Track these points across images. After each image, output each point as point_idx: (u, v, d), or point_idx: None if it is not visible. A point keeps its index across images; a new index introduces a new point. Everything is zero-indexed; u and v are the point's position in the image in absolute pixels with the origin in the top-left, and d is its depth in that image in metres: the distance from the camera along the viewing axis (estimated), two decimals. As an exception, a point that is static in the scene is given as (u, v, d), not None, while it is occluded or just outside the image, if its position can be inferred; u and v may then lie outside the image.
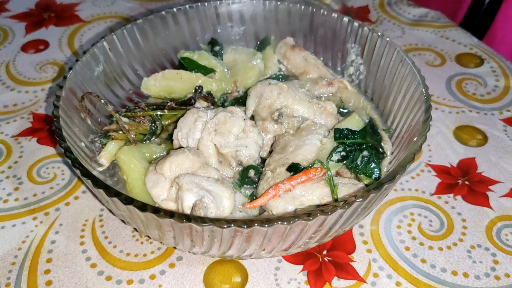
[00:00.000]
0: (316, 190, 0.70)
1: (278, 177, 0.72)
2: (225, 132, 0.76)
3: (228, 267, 0.75)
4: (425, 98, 0.72)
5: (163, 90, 0.90)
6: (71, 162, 0.63)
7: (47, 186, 0.87)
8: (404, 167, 0.62)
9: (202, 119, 0.78)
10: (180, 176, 0.68)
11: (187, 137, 0.78)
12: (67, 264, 0.75)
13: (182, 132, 0.78)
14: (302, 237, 0.60)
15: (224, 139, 0.76)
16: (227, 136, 0.76)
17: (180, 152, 0.72)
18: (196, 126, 0.77)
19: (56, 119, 0.69)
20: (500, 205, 0.85)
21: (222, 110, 0.78)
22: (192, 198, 0.66)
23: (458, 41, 1.24)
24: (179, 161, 0.71)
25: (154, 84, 0.90)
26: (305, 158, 0.74)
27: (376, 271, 0.75)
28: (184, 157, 0.71)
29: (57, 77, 1.11)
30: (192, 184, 0.67)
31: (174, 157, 0.71)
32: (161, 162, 0.71)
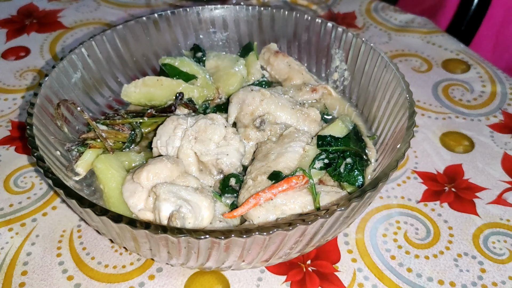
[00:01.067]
0: (298, 198, 0.68)
1: (259, 185, 0.70)
2: (206, 140, 0.74)
3: (209, 278, 0.73)
4: (409, 104, 0.71)
5: (144, 97, 0.88)
6: (43, 171, 0.61)
7: (24, 196, 0.85)
8: (387, 174, 0.60)
9: (182, 126, 0.76)
10: (158, 185, 0.66)
11: (167, 145, 0.76)
12: (42, 277, 0.73)
13: (162, 140, 0.76)
14: (282, 248, 0.58)
15: (204, 147, 0.74)
16: (208, 143, 0.74)
17: (158, 161, 0.70)
18: (175, 133, 0.75)
19: (30, 126, 0.67)
20: (487, 212, 0.83)
21: (202, 117, 0.76)
22: (169, 208, 0.64)
23: (444, 47, 1.23)
24: (157, 169, 0.69)
25: (134, 91, 0.88)
26: (287, 166, 0.73)
27: (361, 281, 0.73)
28: (162, 166, 0.69)
29: (38, 84, 1.08)
30: (170, 193, 0.65)
31: (151, 165, 0.69)
32: (138, 171, 0.69)
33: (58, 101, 0.75)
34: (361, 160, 0.74)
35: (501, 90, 1.09)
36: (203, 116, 0.77)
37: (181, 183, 0.69)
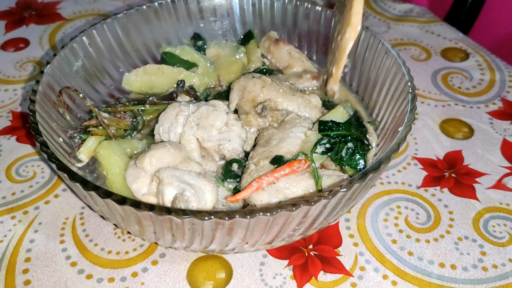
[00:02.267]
0: (300, 182, 0.68)
1: (262, 170, 0.70)
2: (208, 126, 0.75)
3: (212, 263, 0.73)
4: (410, 88, 0.71)
5: (145, 85, 0.88)
6: (47, 156, 0.61)
7: (26, 184, 0.85)
8: (389, 156, 0.61)
9: (184, 113, 0.76)
10: (161, 170, 0.67)
11: (169, 132, 0.76)
12: (46, 263, 0.73)
13: (164, 127, 0.77)
14: (285, 229, 0.59)
15: (206, 133, 0.75)
16: (210, 130, 0.75)
17: (161, 146, 0.70)
18: (177, 120, 0.76)
19: (32, 113, 0.67)
20: (487, 197, 0.84)
21: (204, 103, 0.77)
22: (172, 192, 0.64)
23: (443, 35, 1.24)
24: (160, 154, 0.69)
25: (135, 79, 0.88)
26: (289, 151, 0.73)
27: (362, 265, 0.74)
28: (165, 151, 0.70)
29: (38, 75, 1.08)
30: (173, 177, 0.65)
31: (154, 150, 0.69)
32: (141, 156, 0.70)
33: (60, 89, 0.75)
34: (362, 145, 0.75)
35: (500, 77, 1.10)
36: (205, 102, 0.78)
37: (184, 168, 0.70)
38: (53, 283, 0.71)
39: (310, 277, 0.72)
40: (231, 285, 0.71)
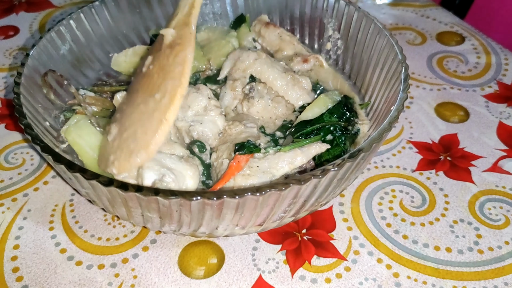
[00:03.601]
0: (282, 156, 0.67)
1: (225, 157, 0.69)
2: (184, 106, 0.73)
3: (203, 248, 0.72)
4: (402, 67, 0.70)
5: (134, 67, 0.86)
6: (31, 138, 0.60)
7: (15, 171, 0.83)
8: (381, 136, 0.59)
9: None
10: None
11: None
12: (35, 250, 0.72)
13: None
14: (276, 210, 0.57)
15: (182, 113, 0.73)
16: (186, 110, 0.73)
17: None
18: None
19: (17, 95, 0.65)
20: (482, 180, 0.83)
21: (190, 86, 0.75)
22: (152, 176, 0.62)
23: (439, 20, 1.22)
24: None
25: (124, 60, 0.86)
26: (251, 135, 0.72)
27: (357, 249, 0.73)
28: None
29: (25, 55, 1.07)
30: (153, 161, 0.63)
31: None
32: None
33: (45, 71, 0.73)
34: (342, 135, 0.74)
35: (496, 61, 1.08)
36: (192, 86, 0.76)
37: (167, 150, 0.68)
38: (42, 270, 0.69)
39: (303, 262, 0.71)
40: (223, 271, 0.70)
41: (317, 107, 0.77)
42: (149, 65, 0.65)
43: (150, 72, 0.64)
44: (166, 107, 0.57)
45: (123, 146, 0.61)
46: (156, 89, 0.60)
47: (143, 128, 0.59)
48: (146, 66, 0.66)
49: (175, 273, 0.69)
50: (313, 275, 0.69)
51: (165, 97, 0.57)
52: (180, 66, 0.58)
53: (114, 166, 0.61)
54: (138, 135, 0.59)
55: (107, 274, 0.69)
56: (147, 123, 0.59)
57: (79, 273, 0.69)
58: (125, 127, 0.62)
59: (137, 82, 0.68)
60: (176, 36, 0.62)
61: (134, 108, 0.62)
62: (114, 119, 0.68)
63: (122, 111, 0.67)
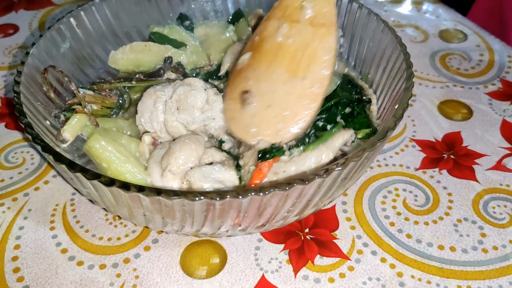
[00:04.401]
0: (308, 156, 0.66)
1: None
2: (189, 108, 0.72)
3: (206, 248, 0.71)
4: (407, 65, 0.69)
5: (131, 64, 0.85)
6: (31, 138, 0.59)
7: (15, 171, 0.83)
8: (386, 133, 0.58)
9: (162, 99, 0.73)
10: (189, 173, 0.65)
11: (151, 121, 0.73)
12: (36, 250, 0.71)
13: (145, 117, 0.73)
14: (280, 210, 0.57)
15: (189, 116, 0.72)
16: (192, 111, 0.72)
17: (183, 144, 0.67)
18: (157, 108, 0.72)
19: (17, 94, 0.65)
20: (486, 178, 0.82)
21: (180, 84, 0.73)
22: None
23: (441, 17, 1.21)
24: (184, 155, 0.66)
25: (121, 57, 0.85)
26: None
27: (360, 248, 0.72)
28: (188, 149, 0.67)
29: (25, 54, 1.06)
30: (203, 178, 0.63)
31: (178, 152, 0.66)
32: (166, 159, 0.67)
33: (45, 67, 0.72)
34: (359, 103, 0.73)
35: (499, 58, 1.08)
36: (180, 82, 0.74)
37: (206, 159, 0.68)
38: (43, 270, 0.69)
39: (306, 261, 0.70)
40: (225, 270, 0.69)
41: None
42: (286, 35, 0.65)
43: (289, 46, 0.64)
44: (316, 96, 0.63)
45: (269, 122, 0.65)
46: (302, 71, 0.63)
47: (291, 110, 0.64)
48: (282, 35, 0.65)
49: (177, 273, 0.69)
50: (316, 274, 0.69)
51: (314, 86, 0.62)
52: (327, 54, 0.61)
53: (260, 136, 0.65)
54: (287, 117, 0.64)
55: (108, 274, 0.68)
56: (295, 108, 0.64)
57: (81, 273, 0.68)
58: (266, 101, 0.65)
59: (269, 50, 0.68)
60: (317, 12, 0.62)
61: (277, 85, 0.65)
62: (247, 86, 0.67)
63: (258, 80, 0.67)
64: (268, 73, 0.67)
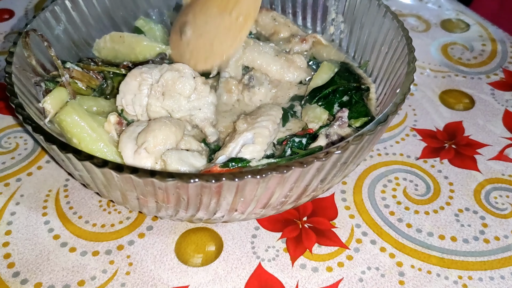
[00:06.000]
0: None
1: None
2: (175, 95, 0.69)
3: (201, 235, 0.70)
4: (408, 50, 0.68)
5: (110, 54, 0.83)
6: (22, 118, 0.57)
7: (7, 156, 0.81)
8: (387, 117, 0.57)
9: (147, 82, 0.70)
10: (167, 153, 0.63)
11: (133, 104, 0.70)
12: (27, 236, 0.70)
13: (126, 98, 0.71)
14: (277, 195, 0.55)
15: (175, 103, 0.70)
16: (178, 99, 0.70)
17: (163, 125, 0.65)
18: (141, 91, 0.70)
19: (8, 75, 0.63)
20: (488, 168, 0.81)
21: (167, 68, 0.70)
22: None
23: (443, 7, 1.20)
24: (163, 135, 0.64)
25: (103, 46, 0.83)
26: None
27: (359, 237, 0.70)
28: (168, 131, 0.65)
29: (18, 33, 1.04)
30: (180, 161, 0.61)
31: (158, 131, 0.64)
32: (143, 136, 0.65)
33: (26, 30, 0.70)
34: (358, 91, 0.72)
35: (502, 48, 1.06)
36: (168, 67, 0.71)
37: (183, 146, 0.66)
38: (35, 256, 0.67)
39: (304, 250, 0.69)
40: (221, 258, 0.68)
41: (324, 73, 0.76)
42: None
43: None
44: (241, 27, 0.70)
45: (199, 50, 0.74)
46: (231, 6, 0.71)
47: (219, 40, 0.72)
48: None
49: (172, 261, 0.67)
50: (314, 263, 0.67)
51: (240, 18, 0.70)
52: None
53: (190, 64, 0.72)
54: (215, 45, 0.72)
55: (101, 261, 0.67)
56: (223, 37, 0.72)
57: (73, 260, 0.67)
58: (199, 33, 0.74)
59: None
60: None
61: (209, 18, 0.74)
62: (186, 20, 0.76)
63: (194, 15, 0.76)
64: (203, 10, 0.75)
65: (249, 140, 0.64)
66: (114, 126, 0.69)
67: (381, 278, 0.66)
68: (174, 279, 0.65)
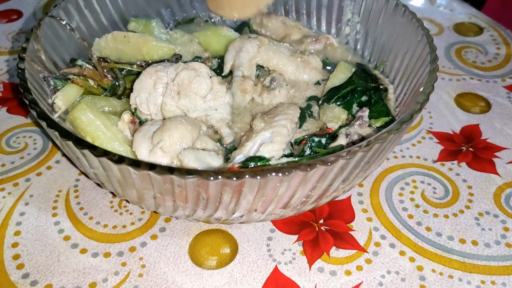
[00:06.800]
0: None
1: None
2: (191, 95, 0.68)
3: (216, 237, 0.68)
4: (430, 49, 0.66)
5: (113, 54, 0.80)
6: (36, 114, 0.56)
7: (17, 156, 0.79)
8: (412, 115, 0.55)
9: (163, 80, 0.69)
10: (183, 153, 0.61)
11: (147, 102, 0.69)
12: (37, 237, 0.68)
13: (141, 97, 0.69)
14: (299, 194, 0.53)
15: (191, 103, 0.68)
16: (194, 99, 0.68)
17: (179, 123, 0.64)
18: (156, 90, 0.68)
19: (21, 71, 0.61)
20: (507, 172, 0.79)
21: (183, 67, 0.69)
22: None
23: (455, 10, 1.18)
24: (179, 134, 0.63)
25: (104, 46, 0.79)
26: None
27: (377, 240, 0.69)
28: (184, 130, 0.63)
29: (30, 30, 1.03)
30: (197, 161, 0.60)
31: (174, 130, 0.63)
32: (158, 135, 0.63)
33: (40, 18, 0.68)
34: (377, 91, 0.71)
35: (517, 52, 1.05)
36: (184, 65, 0.70)
37: (199, 146, 0.65)
38: (45, 257, 0.65)
39: (321, 253, 0.67)
40: (236, 261, 0.66)
41: (341, 73, 0.75)
42: None
43: None
44: None
45: None
46: None
47: None
48: None
49: (185, 263, 0.65)
50: (332, 267, 0.65)
51: None
52: None
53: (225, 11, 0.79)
54: None
55: (113, 263, 0.65)
56: None
57: (84, 262, 0.65)
58: None
59: None
60: None
61: None
62: None
63: None
64: None
65: (267, 139, 0.62)
66: (128, 125, 0.68)
67: (401, 283, 0.64)
68: (188, 282, 0.63)
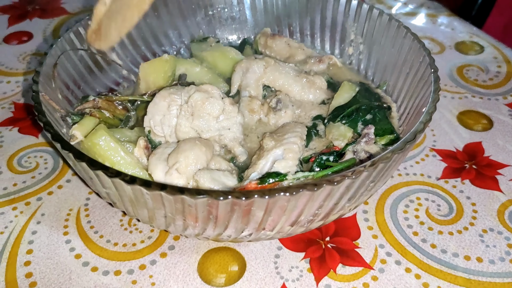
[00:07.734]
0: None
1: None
2: (204, 115, 0.70)
3: (224, 255, 0.69)
4: (432, 69, 0.68)
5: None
6: (50, 136, 0.57)
7: (28, 175, 0.81)
8: (415, 135, 0.57)
9: (176, 102, 0.71)
10: (199, 173, 0.63)
11: (161, 124, 0.71)
12: (49, 255, 0.69)
13: (155, 119, 0.71)
14: (305, 213, 0.55)
15: (205, 123, 0.70)
16: (207, 119, 0.70)
17: (193, 145, 0.66)
18: (170, 112, 0.70)
19: (36, 93, 0.63)
20: (510, 189, 0.80)
21: (195, 89, 0.71)
22: None
23: (456, 29, 1.21)
24: (194, 156, 0.65)
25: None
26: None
27: (383, 257, 0.70)
28: (198, 151, 0.65)
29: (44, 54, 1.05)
30: (213, 181, 0.62)
31: (189, 151, 0.65)
32: (174, 157, 0.65)
33: (56, 60, 0.71)
34: (381, 110, 0.72)
35: (517, 70, 1.07)
36: (196, 88, 0.72)
37: (213, 166, 0.66)
38: (56, 275, 0.67)
39: (328, 270, 0.68)
40: (244, 278, 0.67)
41: (346, 92, 0.77)
42: None
43: None
44: None
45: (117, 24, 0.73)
46: None
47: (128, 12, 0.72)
48: None
49: (194, 281, 0.66)
50: (339, 284, 0.66)
51: None
52: None
53: None
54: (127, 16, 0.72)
55: (124, 281, 0.66)
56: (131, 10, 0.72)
57: (95, 280, 0.66)
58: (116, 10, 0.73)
59: None
60: None
61: None
62: None
63: None
64: None
65: (279, 156, 0.64)
66: (143, 150, 0.70)
67: (407, 299, 0.65)
68: (197, 299, 0.64)
